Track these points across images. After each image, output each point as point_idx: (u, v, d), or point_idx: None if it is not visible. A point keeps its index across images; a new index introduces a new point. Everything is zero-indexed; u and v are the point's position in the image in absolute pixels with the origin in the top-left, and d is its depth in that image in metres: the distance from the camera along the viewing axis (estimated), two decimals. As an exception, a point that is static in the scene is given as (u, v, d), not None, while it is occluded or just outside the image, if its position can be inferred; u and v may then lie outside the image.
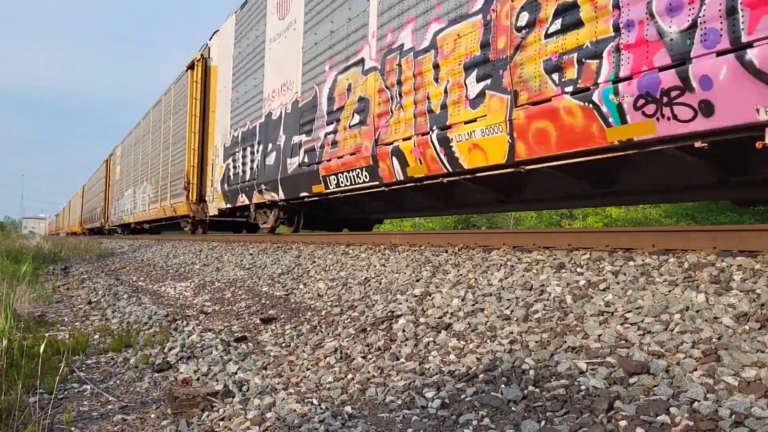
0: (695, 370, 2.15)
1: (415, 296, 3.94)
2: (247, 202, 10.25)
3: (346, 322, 3.91)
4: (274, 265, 6.96)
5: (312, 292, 5.04)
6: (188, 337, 4.04)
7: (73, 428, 2.52)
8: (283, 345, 3.73)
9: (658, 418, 1.89)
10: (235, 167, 10.85)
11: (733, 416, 1.82)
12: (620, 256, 3.55)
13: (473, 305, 3.43)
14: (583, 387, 2.20)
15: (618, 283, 3.10)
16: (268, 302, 5.16)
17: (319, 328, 3.94)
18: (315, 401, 2.56)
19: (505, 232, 5.16)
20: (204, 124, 13.91)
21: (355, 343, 3.41)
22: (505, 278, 3.75)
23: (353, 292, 4.59)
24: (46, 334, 3.85)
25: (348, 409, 2.43)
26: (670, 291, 2.83)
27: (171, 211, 16.26)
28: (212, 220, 14.64)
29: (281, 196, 8.85)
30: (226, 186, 11.29)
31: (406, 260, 5.09)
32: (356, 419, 2.32)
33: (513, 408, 2.19)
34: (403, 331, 3.35)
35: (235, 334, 4.08)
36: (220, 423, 2.46)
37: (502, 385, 2.36)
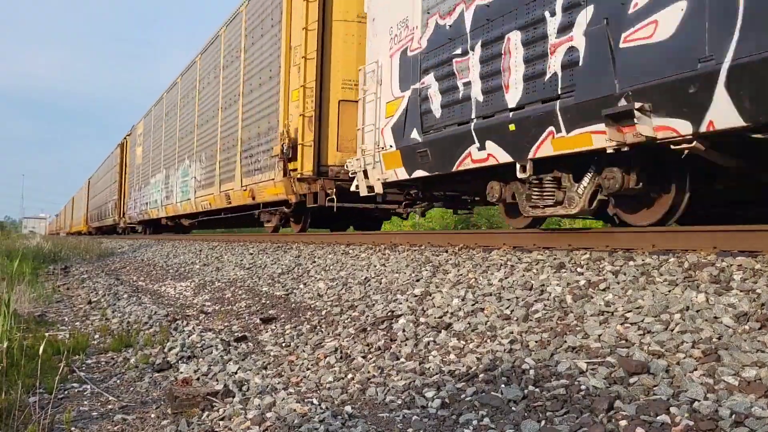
0: (695, 369, 2.15)
1: (415, 296, 3.94)
2: (491, 161, 4.84)
3: (346, 321, 3.90)
4: (274, 264, 6.96)
5: (312, 291, 5.04)
6: (188, 336, 4.04)
7: (73, 428, 2.53)
8: (283, 345, 3.73)
9: (658, 417, 1.89)
10: (446, 91, 5.38)
11: (733, 416, 1.82)
12: (620, 256, 3.55)
13: (473, 305, 3.43)
14: (583, 387, 2.20)
15: (618, 283, 3.10)
16: (268, 302, 5.16)
17: (319, 327, 3.94)
18: (315, 401, 2.56)
19: (505, 232, 5.17)
20: (323, 46, 8.38)
21: (355, 342, 3.41)
22: (505, 278, 3.75)
23: (353, 291, 4.59)
24: (46, 334, 3.85)
25: (348, 408, 2.43)
26: (670, 291, 2.83)
27: (244, 197, 10.49)
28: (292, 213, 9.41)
29: (724, 117, 3.07)
30: (416, 133, 5.80)
31: (406, 260, 5.09)
32: (356, 419, 2.32)
33: (513, 408, 2.19)
34: (403, 330, 3.35)
35: (235, 334, 4.08)
36: (221, 423, 2.47)
37: (502, 385, 2.35)
